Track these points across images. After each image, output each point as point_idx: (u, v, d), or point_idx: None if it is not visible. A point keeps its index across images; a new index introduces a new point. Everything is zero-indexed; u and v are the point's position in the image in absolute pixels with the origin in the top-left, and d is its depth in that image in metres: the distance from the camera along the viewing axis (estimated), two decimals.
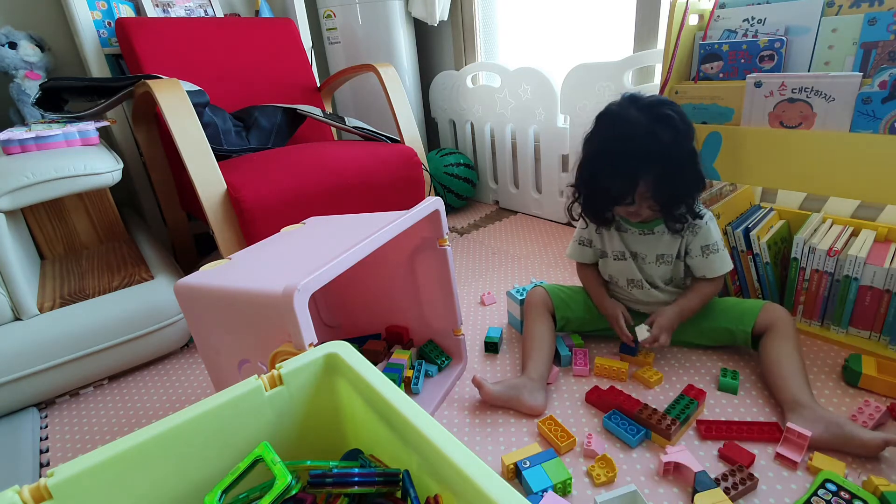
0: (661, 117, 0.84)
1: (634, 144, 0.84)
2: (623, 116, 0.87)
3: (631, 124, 0.85)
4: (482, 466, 0.37)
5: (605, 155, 0.89)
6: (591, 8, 1.67)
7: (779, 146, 0.99)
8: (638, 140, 0.84)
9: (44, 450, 0.95)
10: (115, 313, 1.08)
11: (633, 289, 1.03)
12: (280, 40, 1.67)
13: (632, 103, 0.88)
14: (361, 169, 1.28)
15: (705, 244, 0.95)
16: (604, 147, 0.89)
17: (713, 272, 0.95)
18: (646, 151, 0.84)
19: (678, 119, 0.85)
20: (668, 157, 0.84)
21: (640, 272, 1.01)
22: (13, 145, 1.05)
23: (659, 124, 0.84)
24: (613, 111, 0.90)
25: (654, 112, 0.85)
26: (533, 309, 1.05)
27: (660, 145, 0.83)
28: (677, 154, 0.85)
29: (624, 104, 0.89)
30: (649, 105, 0.86)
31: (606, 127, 0.90)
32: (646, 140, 0.83)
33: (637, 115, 0.86)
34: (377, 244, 0.73)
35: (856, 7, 0.95)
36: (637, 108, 0.87)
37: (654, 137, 0.83)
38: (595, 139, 0.91)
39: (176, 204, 1.54)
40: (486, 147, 2.03)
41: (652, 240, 0.98)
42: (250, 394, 0.50)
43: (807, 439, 0.75)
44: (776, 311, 0.94)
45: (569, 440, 0.82)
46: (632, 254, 1.01)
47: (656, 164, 0.84)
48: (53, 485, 0.40)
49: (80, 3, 1.44)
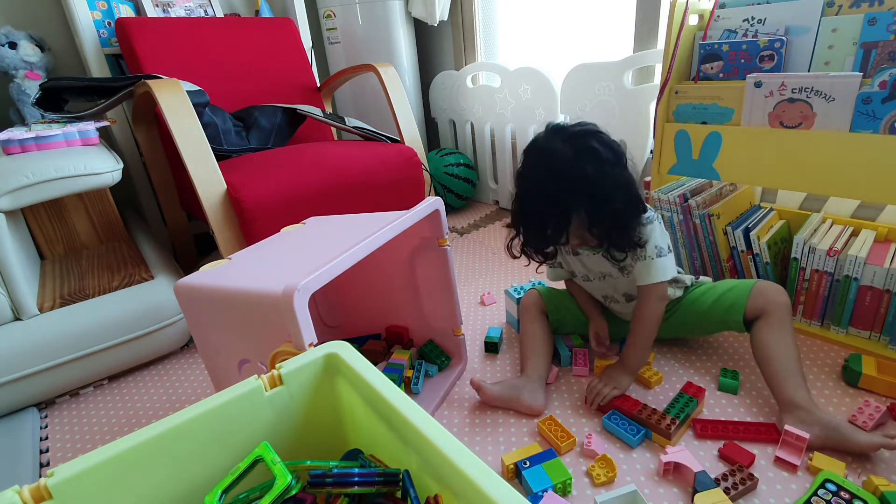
0: (585, 149, 0.81)
1: (561, 181, 0.81)
2: (548, 149, 0.84)
3: (556, 157, 0.82)
4: (482, 466, 0.37)
5: (533, 195, 0.86)
6: (591, 8, 1.67)
7: (779, 146, 0.99)
8: (564, 176, 0.81)
9: (44, 450, 0.95)
10: (115, 313, 1.08)
11: (612, 303, 1.03)
12: (280, 40, 1.67)
13: (556, 133, 0.85)
14: (361, 169, 1.28)
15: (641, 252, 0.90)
16: (533, 184, 0.86)
17: (638, 279, 0.91)
18: (573, 186, 0.80)
19: (603, 150, 0.81)
20: (597, 190, 0.81)
21: (615, 289, 0.99)
22: (13, 145, 1.05)
23: (585, 156, 0.81)
24: (540, 146, 0.86)
25: (577, 143, 0.82)
26: (527, 311, 1.05)
27: (586, 179, 0.80)
28: (605, 184, 0.81)
29: (549, 135, 0.86)
30: (572, 136, 0.83)
31: (532, 163, 0.87)
32: (573, 174, 0.80)
33: (562, 146, 0.82)
34: (377, 244, 0.73)
35: (856, 7, 0.95)
36: (561, 139, 0.83)
37: (580, 171, 0.80)
38: (524, 175, 0.88)
39: (176, 204, 1.54)
40: (486, 147, 2.03)
41: (602, 258, 0.95)
42: (250, 394, 0.50)
43: (805, 441, 0.74)
44: (768, 294, 0.89)
45: (569, 440, 0.82)
46: (599, 274, 0.99)
47: (585, 198, 0.81)
48: (53, 485, 0.40)
49: (80, 3, 1.44)
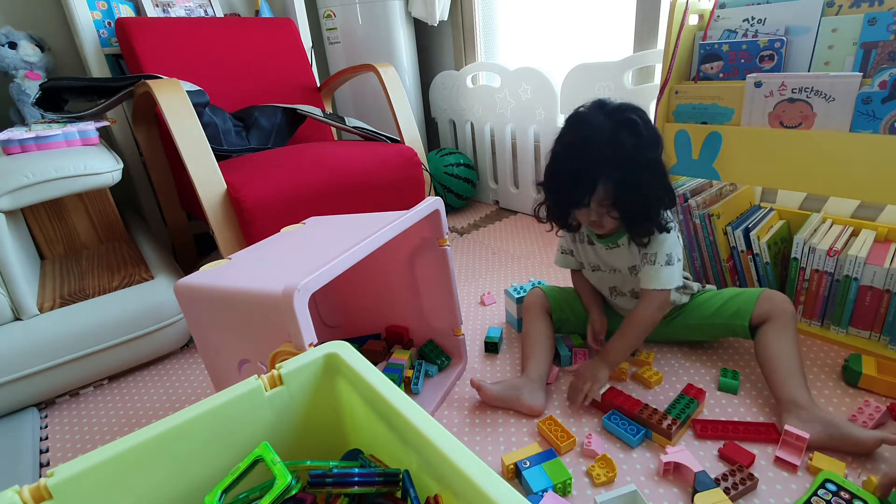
0: (625, 122, 0.82)
1: (595, 147, 0.82)
2: (588, 119, 0.85)
3: (594, 127, 0.83)
4: (482, 466, 0.37)
5: (565, 156, 0.87)
6: (591, 8, 1.67)
7: (779, 146, 0.99)
8: (599, 143, 0.82)
9: (44, 450, 0.95)
10: (115, 313, 1.08)
11: (617, 296, 1.03)
12: (280, 40, 1.67)
13: (599, 108, 0.86)
14: (361, 169, 1.28)
15: (645, 251, 0.91)
16: (566, 148, 0.87)
17: (642, 282, 0.91)
18: (605, 155, 0.81)
19: (642, 125, 0.83)
20: (629, 164, 0.81)
21: (623, 283, 1.00)
22: (13, 145, 1.05)
23: (622, 129, 0.82)
24: (580, 113, 0.88)
25: (618, 117, 0.83)
26: (531, 310, 1.05)
27: (620, 150, 0.81)
28: (639, 161, 0.82)
29: (591, 108, 0.87)
30: (615, 110, 0.84)
31: (571, 129, 0.88)
32: (607, 143, 0.81)
33: (602, 119, 0.83)
34: (377, 244, 0.73)
35: (856, 7, 0.95)
36: (603, 112, 0.85)
37: (615, 142, 0.81)
38: (560, 140, 0.90)
39: (176, 204, 1.54)
40: (486, 147, 2.03)
41: (618, 253, 0.96)
42: (250, 394, 0.50)
43: (805, 441, 0.74)
44: (775, 300, 0.91)
45: (569, 440, 0.82)
46: (609, 267, 1.00)
47: (615, 169, 0.82)
48: (53, 485, 0.40)
49: (80, 3, 1.44)
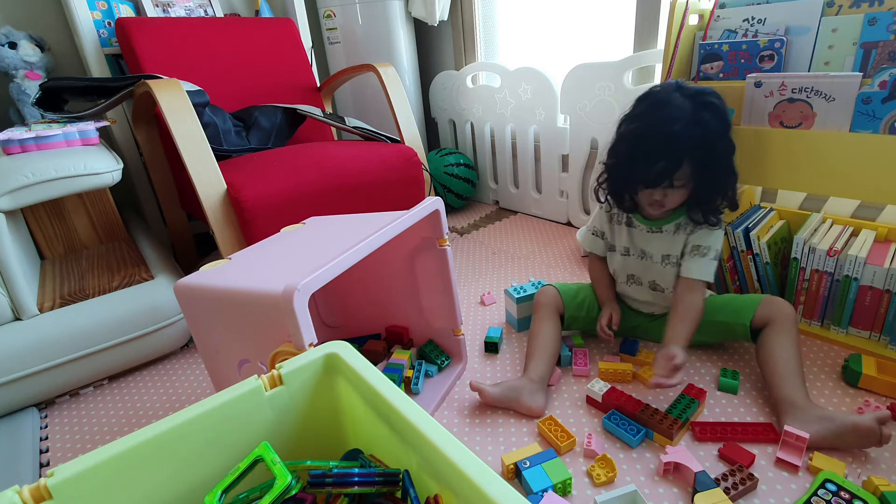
0: (706, 105, 0.84)
1: (680, 127, 0.82)
2: (668, 100, 0.85)
3: (678, 107, 0.84)
4: (482, 466, 0.37)
5: (647, 135, 0.86)
6: (591, 8, 1.67)
7: (779, 146, 0.99)
8: (685, 122, 0.82)
9: (44, 450, 0.95)
10: (115, 313, 1.08)
11: (633, 284, 1.03)
12: (280, 40, 1.67)
13: (677, 89, 0.86)
14: (361, 169, 1.28)
15: (698, 244, 0.93)
16: (646, 127, 0.87)
17: (688, 272, 0.93)
18: (691, 134, 0.82)
19: (721, 108, 0.85)
20: (711, 146, 0.84)
21: (646, 272, 1.01)
22: (13, 145, 1.05)
23: (705, 110, 0.83)
24: (658, 93, 0.88)
25: (699, 99, 0.84)
26: (542, 309, 1.05)
27: (706, 130, 0.83)
28: (720, 144, 0.85)
29: (668, 89, 0.87)
30: (695, 92, 0.85)
31: (650, 108, 0.88)
32: (693, 123, 0.82)
33: (682, 100, 0.84)
34: (377, 244, 0.73)
35: (856, 7, 0.95)
36: (682, 94, 0.85)
37: (702, 122, 0.82)
38: (636, 119, 0.89)
39: (176, 204, 1.54)
40: (486, 147, 2.03)
41: (658, 238, 0.97)
42: (250, 394, 0.50)
43: (805, 441, 0.74)
44: (776, 305, 0.92)
45: (569, 440, 0.82)
46: (640, 251, 1.00)
47: (699, 150, 0.83)
48: (53, 485, 0.40)
49: (80, 3, 1.44)
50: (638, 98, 0.91)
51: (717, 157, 0.85)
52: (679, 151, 0.83)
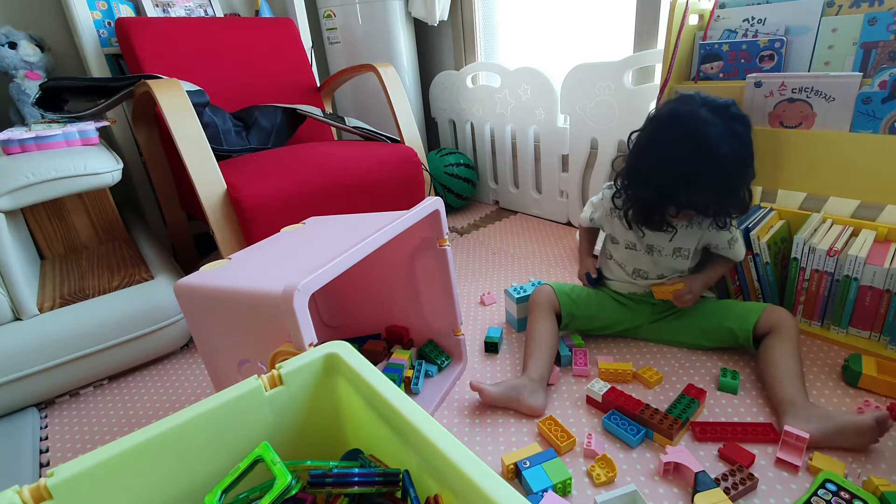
0: (735, 117, 0.83)
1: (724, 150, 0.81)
2: (700, 119, 0.83)
3: (712, 126, 0.81)
4: (482, 466, 0.37)
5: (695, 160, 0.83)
6: (591, 8, 1.67)
7: (779, 146, 0.99)
8: (726, 145, 0.81)
9: (44, 450, 0.95)
10: (115, 313, 1.08)
11: (638, 278, 1.05)
12: (280, 40, 1.67)
13: (702, 105, 0.84)
14: (361, 169, 1.28)
15: (731, 237, 0.99)
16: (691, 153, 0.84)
17: (738, 257, 1.02)
18: (732, 156, 0.82)
19: (747, 120, 0.85)
20: (747, 159, 0.85)
21: (654, 265, 1.02)
22: (13, 145, 1.05)
23: (737, 124, 0.83)
24: (683, 112, 0.85)
25: (727, 113, 0.83)
26: (538, 308, 1.05)
27: (743, 147, 0.83)
28: (751, 156, 0.86)
29: (692, 105, 0.85)
30: (721, 107, 0.84)
31: (681, 130, 0.85)
32: (731, 144, 0.82)
33: (712, 117, 0.82)
34: (377, 244, 0.73)
35: (856, 7, 0.95)
36: (709, 109, 0.83)
37: (737, 139, 0.82)
38: (668, 144, 0.86)
39: (176, 204, 1.54)
40: (486, 147, 2.03)
41: (670, 234, 0.97)
42: (250, 394, 0.50)
43: (805, 441, 0.74)
44: (780, 314, 0.94)
45: (569, 440, 0.82)
46: (647, 247, 1.01)
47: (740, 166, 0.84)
48: (53, 485, 0.40)
49: (80, 3, 1.44)
50: (660, 118, 0.88)
51: (748, 167, 0.87)
52: (728, 173, 0.84)
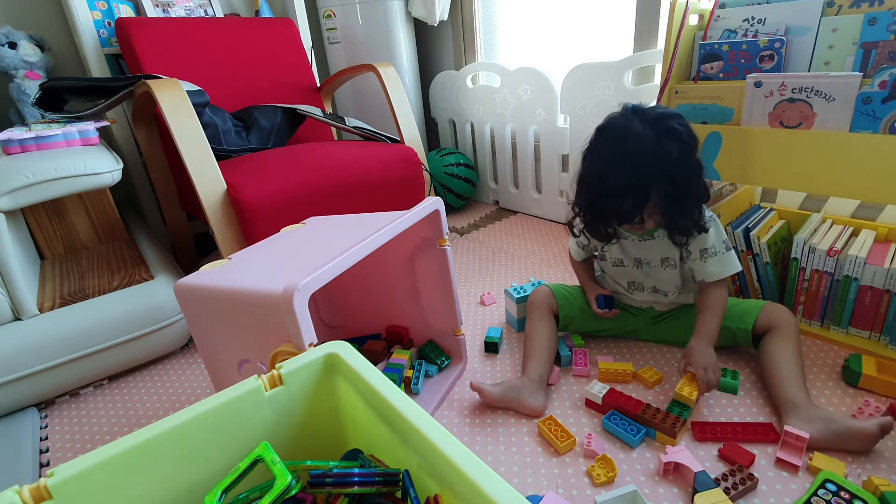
0: (668, 131, 0.81)
1: (644, 160, 0.80)
2: (630, 131, 0.82)
3: (639, 139, 0.81)
4: (482, 466, 0.37)
5: (611, 171, 0.84)
6: (591, 8, 1.67)
7: (779, 146, 0.99)
8: (647, 155, 0.80)
9: (44, 450, 0.95)
10: (115, 313, 1.08)
11: (635, 291, 1.03)
12: (280, 40, 1.67)
13: (635, 115, 0.84)
14: (361, 169, 1.28)
15: (703, 247, 0.92)
16: (610, 163, 0.84)
17: (710, 276, 0.92)
18: (656, 167, 0.80)
19: (685, 132, 0.82)
20: (678, 173, 0.82)
21: (646, 277, 1.00)
22: (13, 145, 1.05)
23: (667, 139, 0.81)
24: (617, 124, 0.85)
25: (660, 125, 0.81)
26: (536, 308, 1.05)
27: (669, 160, 0.80)
28: (686, 168, 0.83)
29: (627, 116, 0.84)
30: (655, 118, 0.83)
31: (611, 142, 0.85)
32: (655, 156, 0.80)
33: (643, 128, 0.81)
34: (377, 244, 0.73)
35: (856, 7, 0.95)
36: (641, 121, 0.82)
37: (663, 152, 0.80)
38: (599, 154, 0.87)
39: (176, 204, 1.54)
40: (486, 147, 2.03)
41: (653, 245, 0.96)
42: (250, 394, 0.50)
43: (805, 441, 0.74)
44: (779, 312, 0.93)
45: (569, 440, 0.82)
46: (634, 260, 0.99)
47: (666, 179, 0.81)
48: (53, 485, 0.40)
49: (80, 3, 1.44)
50: (598, 129, 0.88)
51: (680, 185, 0.83)
52: (646, 187, 0.82)
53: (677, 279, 0.98)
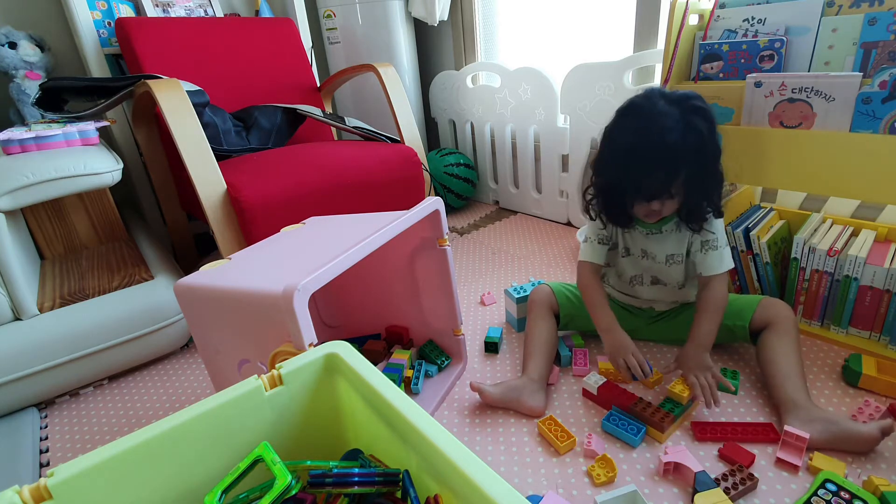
0: (694, 109, 0.81)
1: (673, 137, 0.79)
2: (656, 109, 0.81)
3: (666, 116, 0.80)
4: (482, 466, 0.37)
5: (642, 147, 0.82)
6: (591, 8, 1.67)
7: (779, 146, 0.99)
8: (676, 133, 0.79)
9: (44, 450, 0.95)
10: (115, 313, 1.08)
11: (636, 285, 1.03)
12: (280, 40, 1.67)
13: (661, 97, 0.83)
14: (361, 169, 1.28)
15: (704, 239, 0.92)
16: (641, 139, 0.82)
17: (707, 269, 0.92)
18: (687, 141, 0.79)
19: (709, 111, 0.82)
20: (707, 149, 0.82)
21: (649, 270, 0.99)
22: (13, 145, 1.05)
23: (695, 116, 0.80)
24: (641, 104, 0.84)
25: (686, 104, 0.81)
26: (536, 308, 1.05)
27: (699, 136, 0.80)
28: (713, 146, 0.83)
29: (651, 97, 0.83)
30: (680, 98, 0.82)
31: (636, 120, 0.83)
32: (684, 133, 0.79)
33: (668, 107, 0.80)
34: (377, 244, 0.73)
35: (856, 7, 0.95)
36: (667, 101, 0.82)
37: (692, 130, 0.80)
38: (623, 133, 0.85)
39: (176, 204, 1.54)
40: (486, 147, 2.03)
41: (660, 239, 0.95)
42: (250, 394, 0.50)
43: (805, 441, 0.74)
44: (776, 307, 0.93)
45: (569, 440, 0.82)
46: (640, 252, 0.99)
47: (696, 154, 0.81)
48: (53, 485, 0.40)
49: (80, 3, 1.44)
50: (620, 110, 0.87)
51: (708, 162, 0.83)
52: (676, 161, 0.81)
53: (681, 276, 0.98)
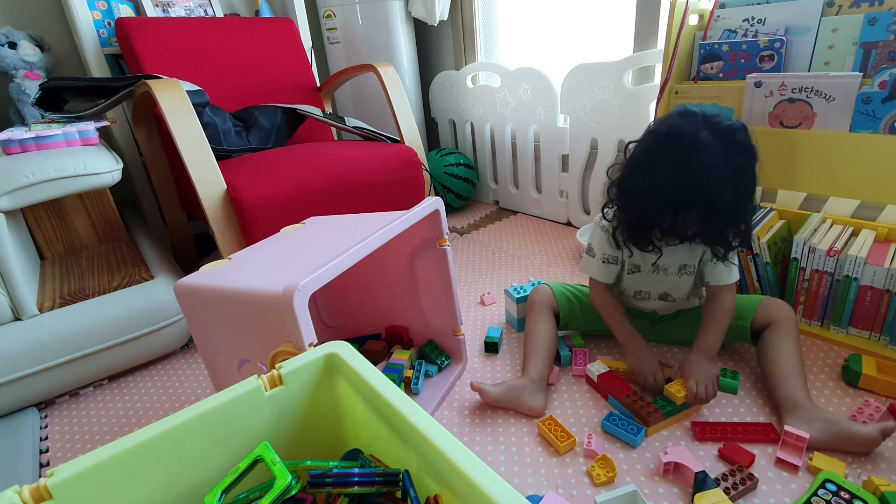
0: (739, 147, 0.77)
1: (714, 180, 0.75)
2: (699, 143, 0.76)
3: (710, 152, 0.75)
4: (482, 466, 0.37)
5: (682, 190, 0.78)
6: (591, 8, 1.67)
7: (779, 146, 0.99)
8: (718, 174, 0.75)
9: (44, 450, 0.95)
10: (115, 313, 1.08)
11: (642, 300, 1.02)
12: (280, 40, 1.67)
13: (705, 124, 0.77)
14: (361, 169, 1.28)
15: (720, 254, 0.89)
16: (680, 180, 0.77)
17: (717, 279, 0.92)
18: (728, 185, 0.76)
19: (753, 148, 0.78)
20: (743, 189, 0.79)
21: (659, 284, 0.98)
22: (13, 145, 1.05)
23: (740, 154, 0.76)
24: (682, 132, 0.78)
25: (731, 139, 0.76)
26: (536, 307, 1.05)
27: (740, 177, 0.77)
28: (752, 185, 0.79)
29: (695, 127, 0.77)
30: (725, 131, 0.77)
31: (677, 151, 0.78)
32: (726, 173, 0.75)
33: (713, 141, 0.76)
34: (377, 244, 0.73)
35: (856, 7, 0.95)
36: (711, 132, 0.76)
37: (733, 170, 0.76)
38: (661, 164, 0.80)
39: (176, 204, 1.54)
40: (486, 147, 2.03)
41: (673, 250, 0.93)
42: (250, 394, 0.50)
43: (805, 441, 0.75)
44: (777, 306, 0.93)
45: (569, 440, 0.82)
46: (652, 266, 0.96)
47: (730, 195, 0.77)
48: (53, 485, 0.40)
49: (80, 3, 1.44)
50: (658, 133, 0.82)
51: (745, 200, 0.80)
52: (714, 203, 0.77)
53: (690, 286, 0.97)
